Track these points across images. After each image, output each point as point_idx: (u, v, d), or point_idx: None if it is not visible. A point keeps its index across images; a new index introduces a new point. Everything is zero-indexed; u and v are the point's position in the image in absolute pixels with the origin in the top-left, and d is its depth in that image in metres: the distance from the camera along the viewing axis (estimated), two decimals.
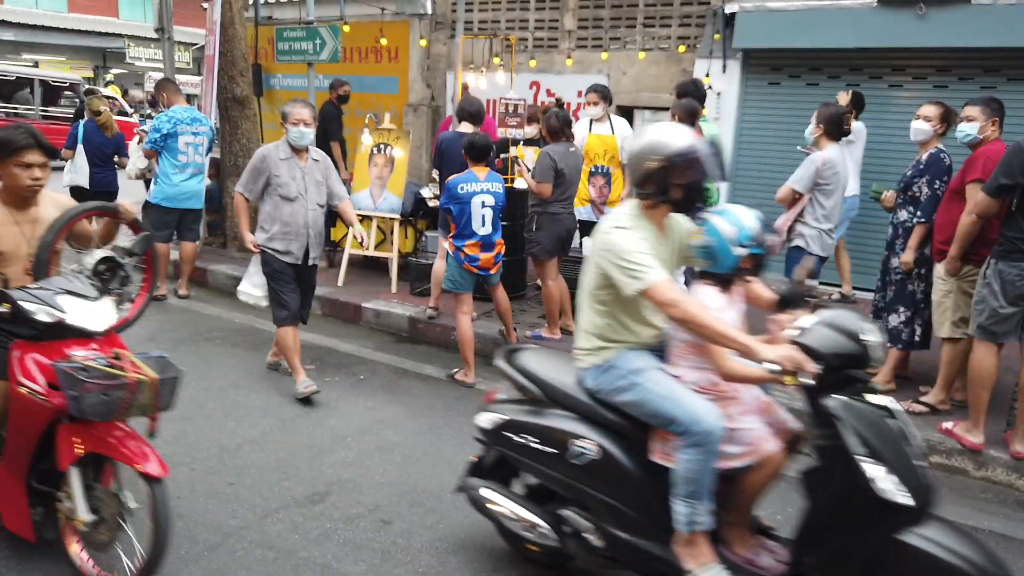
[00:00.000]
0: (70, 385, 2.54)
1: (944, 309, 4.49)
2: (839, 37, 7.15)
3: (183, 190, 6.80)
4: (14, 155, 2.96)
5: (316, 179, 4.86)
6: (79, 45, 24.50)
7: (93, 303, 2.85)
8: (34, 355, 2.74)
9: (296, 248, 4.80)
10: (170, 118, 6.71)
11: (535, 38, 9.42)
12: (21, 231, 3.06)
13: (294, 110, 4.73)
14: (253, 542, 3.23)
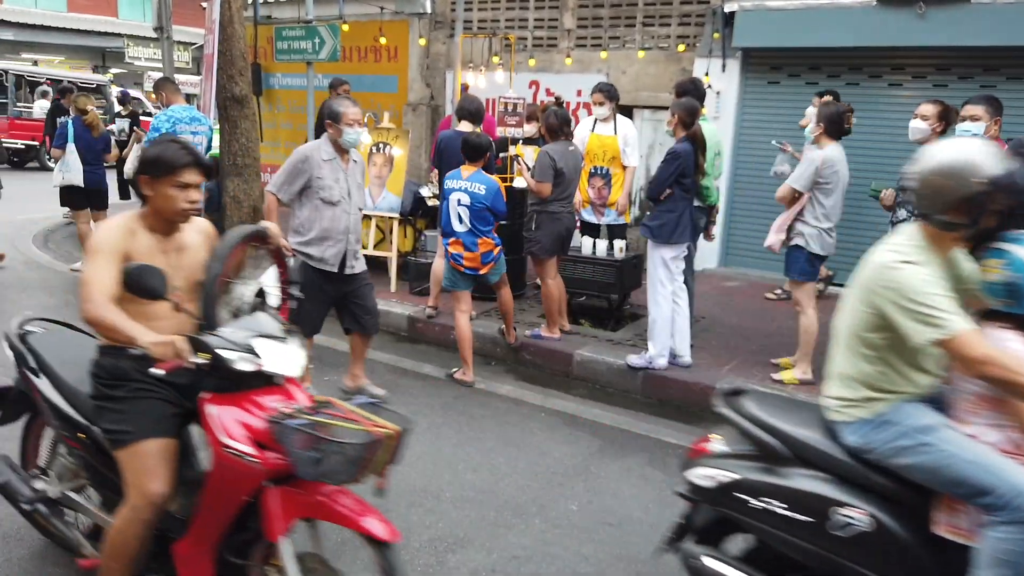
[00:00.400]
0: (303, 445, 2.17)
1: None
2: (838, 36, 7.15)
3: None
4: (171, 175, 2.54)
5: (357, 182, 4.58)
6: (78, 45, 24.50)
7: (283, 344, 2.48)
8: (233, 410, 2.36)
9: (332, 255, 4.47)
10: (169, 117, 6.69)
11: (534, 37, 9.41)
12: (167, 261, 2.61)
13: (348, 110, 4.35)
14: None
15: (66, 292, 7.00)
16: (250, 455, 2.27)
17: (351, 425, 2.26)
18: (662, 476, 4.00)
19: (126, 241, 2.55)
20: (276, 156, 11.62)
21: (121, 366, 2.52)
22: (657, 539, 3.38)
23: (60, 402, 2.74)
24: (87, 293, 2.45)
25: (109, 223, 2.64)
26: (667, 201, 4.95)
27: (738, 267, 8.20)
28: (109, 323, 2.39)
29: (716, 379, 5.00)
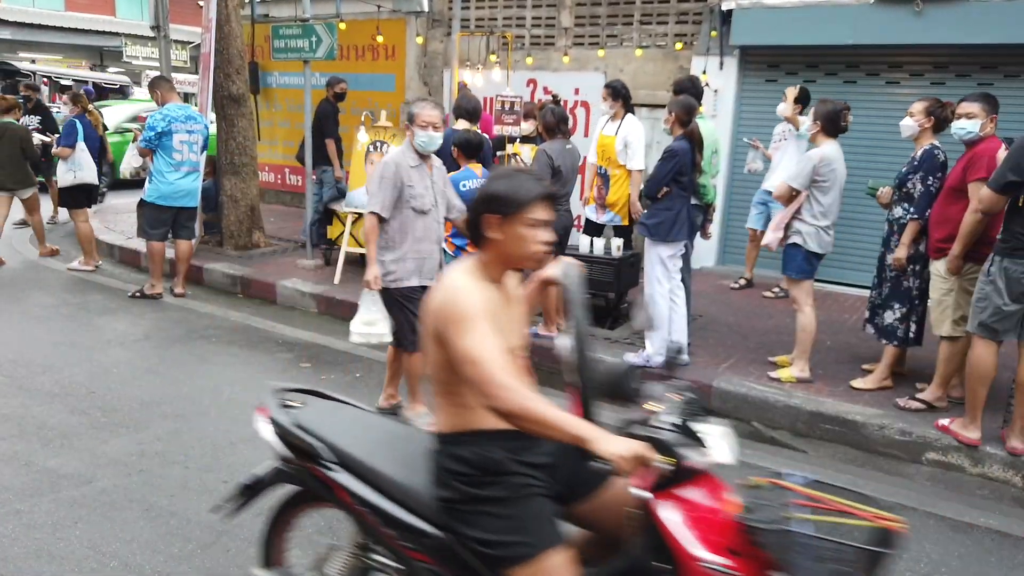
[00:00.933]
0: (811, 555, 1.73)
1: (944, 308, 4.47)
2: (836, 34, 7.15)
3: (178, 188, 6.76)
4: (523, 211, 2.09)
5: (441, 188, 4.32)
6: (76, 44, 24.49)
7: (710, 423, 2.07)
8: (684, 511, 1.91)
9: (429, 268, 4.22)
10: (164, 116, 6.68)
11: (532, 35, 9.40)
12: (508, 316, 2.17)
13: (423, 111, 4.11)
14: (247, 540, 3.21)
15: (63, 291, 6.99)
16: (730, 569, 1.83)
17: (854, 520, 1.81)
18: None
19: (484, 300, 2.05)
20: (273, 155, 11.62)
21: (494, 457, 2.05)
22: None
23: (390, 506, 2.18)
24: (493, 378, 1.88)
25: (456, 281, 2.08)
26: (664, 199, 4.94)
27: (736, 265, 8.19)
28: (539, 417, 1.84)
29: (712, 377, 4.99)
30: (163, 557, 3.07)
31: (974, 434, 4.15)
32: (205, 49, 7.92)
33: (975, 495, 3.96)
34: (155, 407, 4.52)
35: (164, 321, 6.25)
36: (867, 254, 7.20)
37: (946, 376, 4.58)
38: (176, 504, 3.47)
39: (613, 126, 6.10)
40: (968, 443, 4.15)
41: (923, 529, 3.57)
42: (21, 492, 3.52)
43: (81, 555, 3.06)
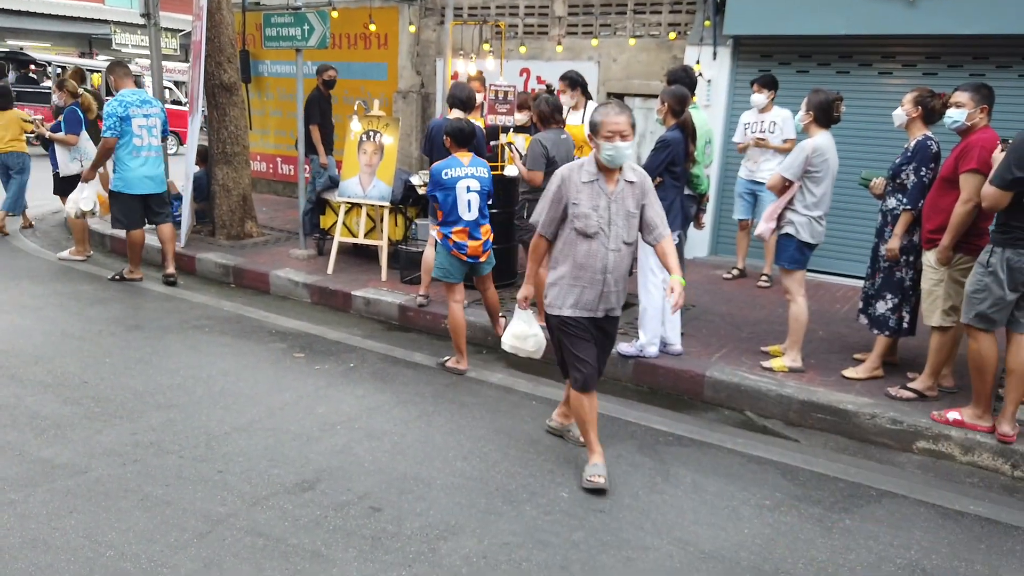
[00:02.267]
0: None
1: (935, 298, 4.50)
2: (829, 24, 7.15)
3: (142, 175, 6.77)
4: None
5: (627, 209, 3.67)
6: (65, 31, 24.26)
7: None
8: None
9: (590, 297, 3.69)
10: (121, 101, 6.64)
11: (525, 24, 9.37)
12: None
13: (608, 118, 3.54)
14: (242, 529, 3.22)
15: (55, 281, 6.96)
16: None
17: None
18: (652, 463, 4.02)
19: None
20: (265, 144, 11.56)
21: None
22: (648, 525, 3.41)
23: None
24: None
25: None
26: (657, 189, 4.93)
27: (729, 255, 8.21)
28: None
29: (705, 367, 5.02)
30: (159, 547, 3.07)
31: (988, 422, 4.18)
32: (196, 37, 7.86)
33: (965, 483, 4.00)
34: (148, 397, 4.52)
35: (156, 311, 6.23)
36: (860, 245, 7.24)
37: (937, 366, 4.62)
38: (171, 494, 3.47)
39: (577, 115, 6.24)
40: (998, 434, 4.13)
41: (913, 517, 3.60)
42: (15, 482, 3.51)
43: (76, 545, 3.06)
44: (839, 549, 3.30)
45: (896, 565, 3.21)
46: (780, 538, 3.36)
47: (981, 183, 4.19)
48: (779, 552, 3.25)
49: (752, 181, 7.13)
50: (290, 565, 3.00)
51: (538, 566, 3.07)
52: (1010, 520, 3.62)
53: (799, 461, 4.13)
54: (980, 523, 3.59)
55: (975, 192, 4.21)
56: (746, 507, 3.61)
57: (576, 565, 3.09)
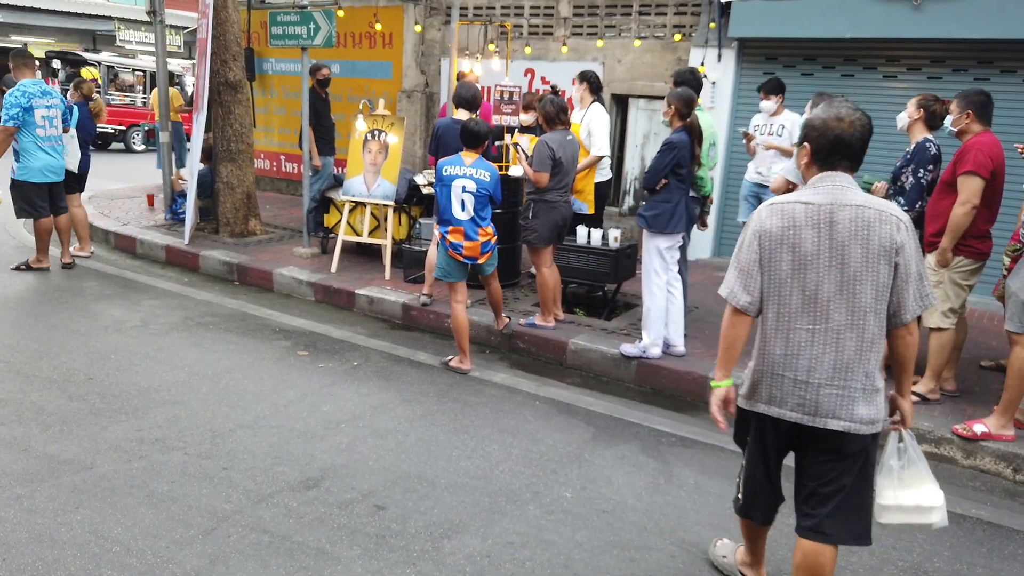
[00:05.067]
0: None
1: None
2: (834, 27, 7.16)
3: (46, 164, 6.84)
4: None
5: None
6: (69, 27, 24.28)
7: None
8: None
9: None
10: (24, 92, 6.66)
11: (530, 25, 9.38)
12: None
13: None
14: (247, 526, 3.24)
15: (59, 277, 6.98)
16: None
17: None
18: (655, 464, 4.03)
19: None
20: (269, 143, 11.58)
21: None
22: (651, 526, 3.42)
23: None
24: None
25: None
26: (662, 191, 4.96)
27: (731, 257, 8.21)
28: None
29: (709, 369, 5.03)
30: (164, 543, 3.09)
31: (1011, 431, 4.17)
32: (202, 35, 7.88)
33: (967, 487, 4.01)
34: (154, 393, 4.53)
35: (160, 308, 6.24)
36: None
37: (938, 368, 4.63)
38: (176, 490, 3.48)
39: (579, 114, 6.28)
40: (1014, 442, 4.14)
41: None
42: (21, 477, 3.53)
43: (82, 540, 3.08)
44: (841, 551, 3.30)
45: (898, 568, 3.22)
46: (783, 540, 3.37)
47: (978, 185, 4.24)
48: (781, 554, 3.26)
49: (758, 184, 7.13)
50: (295, 562, 3.01)
51: (541, 565, 3.09)
52: (1012, 524, 3.64)
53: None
54: (982, 527, 3.60)
55: (973, 194, 4.26)
56: None
57: (579, 565, 3.10)
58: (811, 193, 2.47)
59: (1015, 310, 4.09)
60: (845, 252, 2.39)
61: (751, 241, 2.52)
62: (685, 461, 4.09)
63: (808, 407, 2.48)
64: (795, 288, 2.46)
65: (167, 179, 9.02)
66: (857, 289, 2.40)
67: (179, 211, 8.80)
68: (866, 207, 2.40)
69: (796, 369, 2.49)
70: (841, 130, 2.44)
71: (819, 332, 2.45)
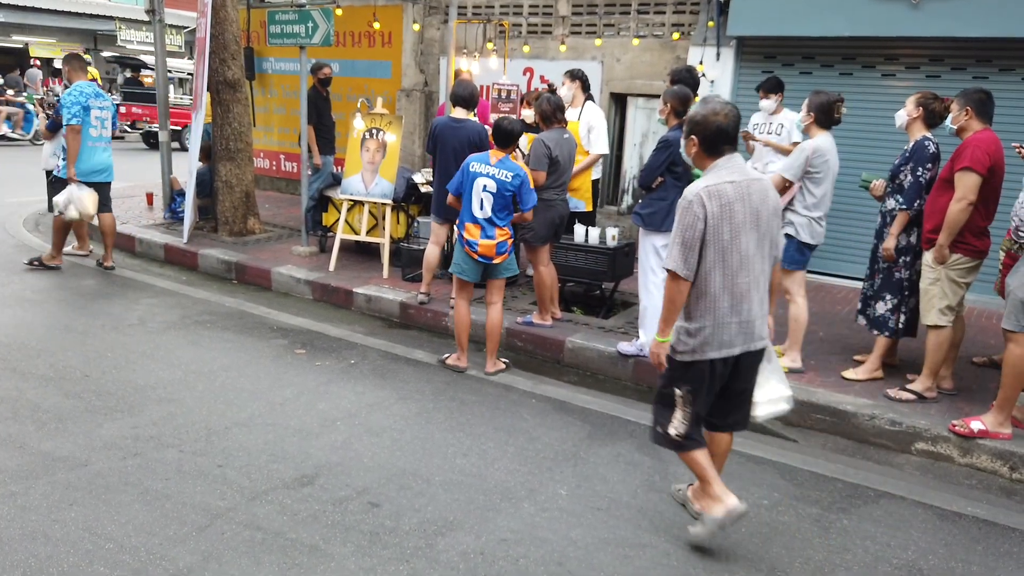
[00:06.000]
0: None
1: (931, 297, 4.51)
2: (833, 25, 7.15)
3: (96, 164, 6.93)
4: None
5: None
6: (70, 27, 24.29)
7: None
8: None
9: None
10: (81, 91, 6.83)
11: (529, 24, 9.37)
12: None
13: None
14: (241, 523, 3.24)
15: (57, 275, 6.98)
16: None
17: None
18: (651, 462, 4.03)
19: None
20: (268, 142, 11.58)
21: None
22: (646, 523, 3.42)
23: None
24: None
25: None
26: (658, 189, 4.95)
27: None
28: None
29: None
30: (159, 539, 3.09)
31: (1009, 429, 4.17)
32: (201, 34, 7.88)
33: (963, 485, 4.00)
34: (150, 391, 4.54)
35: (158, 306, 6.25)
36: (860, 246, 7.24)
37: (934, 366, 4.62)
38: (171, 487, 3.48)
39: (574, 112, 6.26)
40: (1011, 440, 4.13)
41: (911, 518, 3.61)
42: (15, 474, 3.53)
43: (76, 537, 3.08)
44: (836, 549, 3.31)
45: (893, 565, 3.22)
46: (777, 537, 3.37)
47: (975, 182, 4.24)
48: (775, 551, 3.26)
49: None
50: (288, 559, 3.01)
51: (535, 563, 3.08)
52: (1008, 522, 3.63)
53: (797, 461, 4.14)
54: (978, 524, 3.59)
55: (969, 191, 4.26)
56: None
57: (573, 562, 3.10)
58: (727, 173, 3.05)
59: (1013, 309, 4.08)
60: (758, 216, 3.06)
61: (695, 223, 2.99)
62: (680, 459, 4.07)
63: (748, 338, 3.13)
64: (734, 251, 3.04)
65: (166, 178, 9.02)
66: (765, 242, 3.12)
67: (178, 210, 8.81)
68: (761, 179, 3.13)
69: (740, 314, 3.10)
70: (719, 122, 3.04)
71: (751, 281, 3.09)
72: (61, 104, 6.86)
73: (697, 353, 3.12)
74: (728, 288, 3.06)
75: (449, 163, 5.74)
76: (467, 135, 5.77)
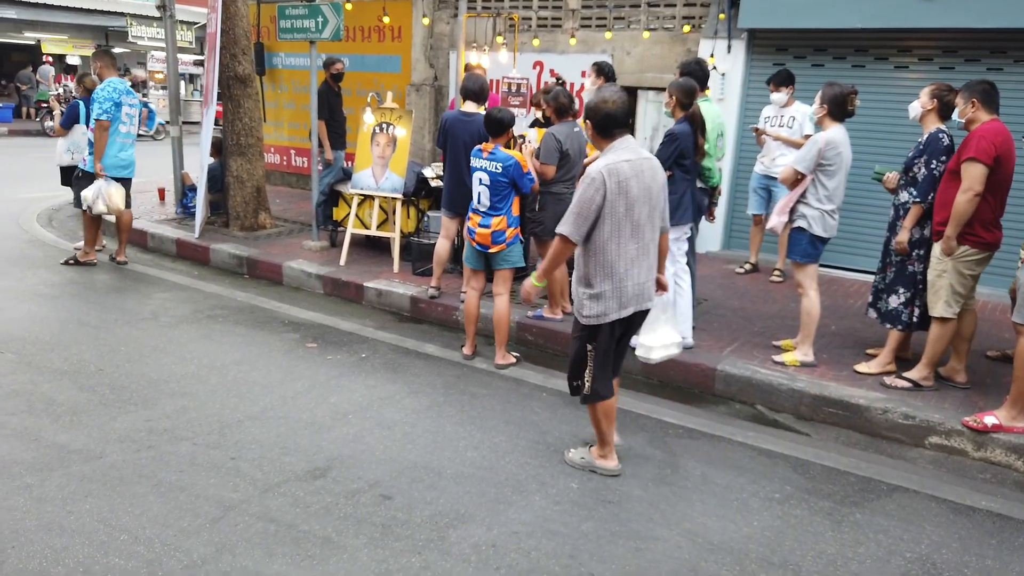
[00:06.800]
0: None
1: (938, 288, 4.49)
2: (845, 17, 7.10)
3: (122, 160, 7.00)
4: None
5: None
6: (81, 23, 24.37)
7: None
8: None
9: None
10: (114, 88, 6.90)
11: (539, 17, 9.35)
12: None
13: None
14: (254, 515, 3.25)
15: (70, 270, 7.03)
16: None
17: None
18: (662, 455, 4.02)
19: None
20: (279, 137, 11.61)
21: None
22: (657, 516, 3.42)
23: None
24: None
25: None
26: (668, 182, 4.92)
27: (741, 250, 8.18)
28: None
29: (717, 361, 5.01)
30: (173, 531, 3.11)
31: (1021, 423, 4.14)
32: (211, 29, 7.90)
33: (977, 479, 3.98)
34: (163, 385, 4.56)
35: (171, 301, 6.28)
36: (872, 239, 7.20)
37: (934, 356, 4.61)
38: (184, 480, 3.51)
39: None
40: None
41: (924, 511, 3.59)
42: (31, 466, 3.56)
43: (91, 528, 3.11)
44: (848, 542, 3.30)
45: (906, 559, 3.20)
46: (789, 531, 3.36)
47: (981, 172, 4.22)
48: (788, 544, 3.25)
49: (767, 176, 7.11)
50: (301, 551, 3.03)
51: (547, 555, 3.09)
52: (1022, 516, 3.60)
53: (810, 455, 4.12)
54: (992, 518, 3.57)
55: (975, 181, 4.23)
56: (755, 500, 3.61)
57: (585, 555, 3.10)
58: (622, 153, 3.45)
59: (1023, 302, 4.05)
60: (649, 191, 3.48)
61: (595, 196, 3.38)
62: (692, 453, 4.08)
63: (641, 299, 3.59)
64: (627, 222, 3.44)
65: (178, 173, 9.06)
66: (656, 214, 3.56)
67: (189, 205, 8.84)
68: (651, 159, 3.54)
69: (634, 277, 3.53)
70: (608, 108, 3.44)
71: (642, 248, 3.52)
72: (93, 99, 6.91)
73: (602, 317, 3.53)
74: (623, 255, 3.47)
75: (460, 157, 5.74)
76: (477, 129, 5.76)
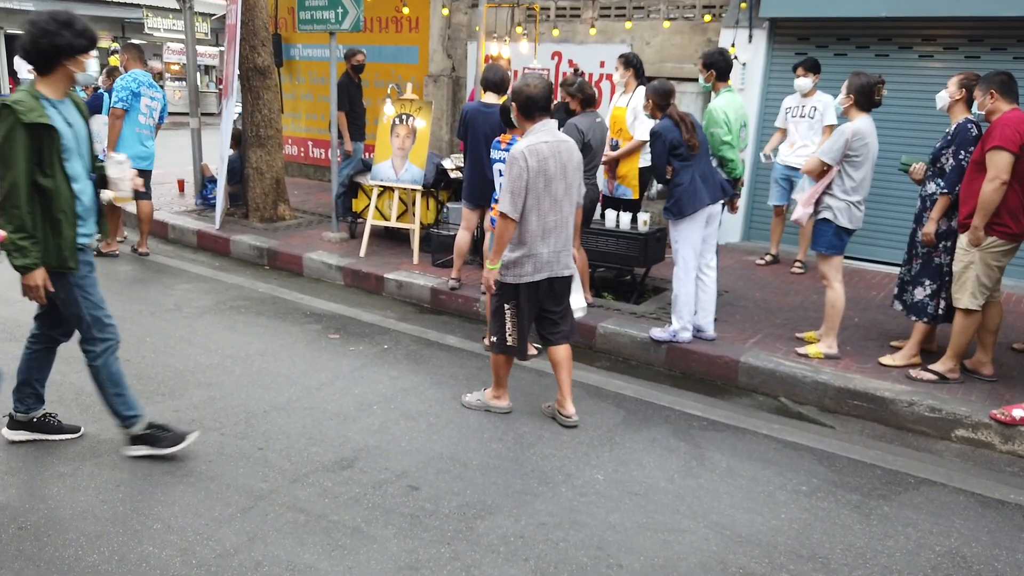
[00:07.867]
0: None
1: (964, 280, 4.45)
2: (868, 6, 7.01)
3: (141, 151, 7.01)
4: None
5: None
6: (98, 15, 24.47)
7: None
8: None
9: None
10: (135, 79, 6.95)
11: (558, 7, 9.30)
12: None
13: None
14: (284, 505, 3.28)
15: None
16: None
17: None
18: (687, 447, 4.02)
19: None
20: (297, 128, 11.63)
21: None
22: (684, 508, 3.42)
23: None
24: None
25: None
26: (673, 177, 4.93)
27: (761, 241, 8.14)
28: None
29: (740, 353, 4.99)
30: (204, 520, 3.14)
31: None
32: (231, 20, 7.91)
33: (1005, 472, 3.95)
34: (189, 375, 4.60)
35: (193, 292, 6.32)
36: (897, 231, 7.14)
37: (959, 348, 4.57)
38: (214, 469, 3.54)
39: (625, 98, 6.22)
40: None
41: (952, 505, 3.57)
42: (63, 456, 3.61)
43: (125, 516, 3.14)
44: (877, 535, 3.29)
45: (935, 552, 3.19)
46: (817, 523, 3.36)
47: (1006, 160, 4.18)
48: (816, 537, 3.24)
49: (788, 167, 7.05)
50: (332, 540, 3.05)
51: (575, 546, 3.10)
52: None
53: (835, 448, 4.11)
54: (1021, 512, 3.55)
55: (1001, 169, 4.19)
56: (782, 492, 3.61)
57: (613, 546, 3.11)
58: (543, 135, 3.86)
59: None
60: (566, 169, 3.89)
61: (521, 174, 3.77)
62: (717, 444, 4.07)
63: (556, 267, 4.02)
64: (546, 197, 3.87)
65: (197, 165, 9.10)
66: (573, 190, 3.98)
67: (209, 196, 8.89)
68: (568, 140, 3.97)
69: (550, 246, 3.96)
70: (529, 92, 3.85)
71: (559, 221, 3.95)
72: (113, 88, 6.99)
73: (518, 278, 3.97)
74: (541, 226, 3.89)
75: (480, 148, 5.74)
76: (498, 120, 5.75)
